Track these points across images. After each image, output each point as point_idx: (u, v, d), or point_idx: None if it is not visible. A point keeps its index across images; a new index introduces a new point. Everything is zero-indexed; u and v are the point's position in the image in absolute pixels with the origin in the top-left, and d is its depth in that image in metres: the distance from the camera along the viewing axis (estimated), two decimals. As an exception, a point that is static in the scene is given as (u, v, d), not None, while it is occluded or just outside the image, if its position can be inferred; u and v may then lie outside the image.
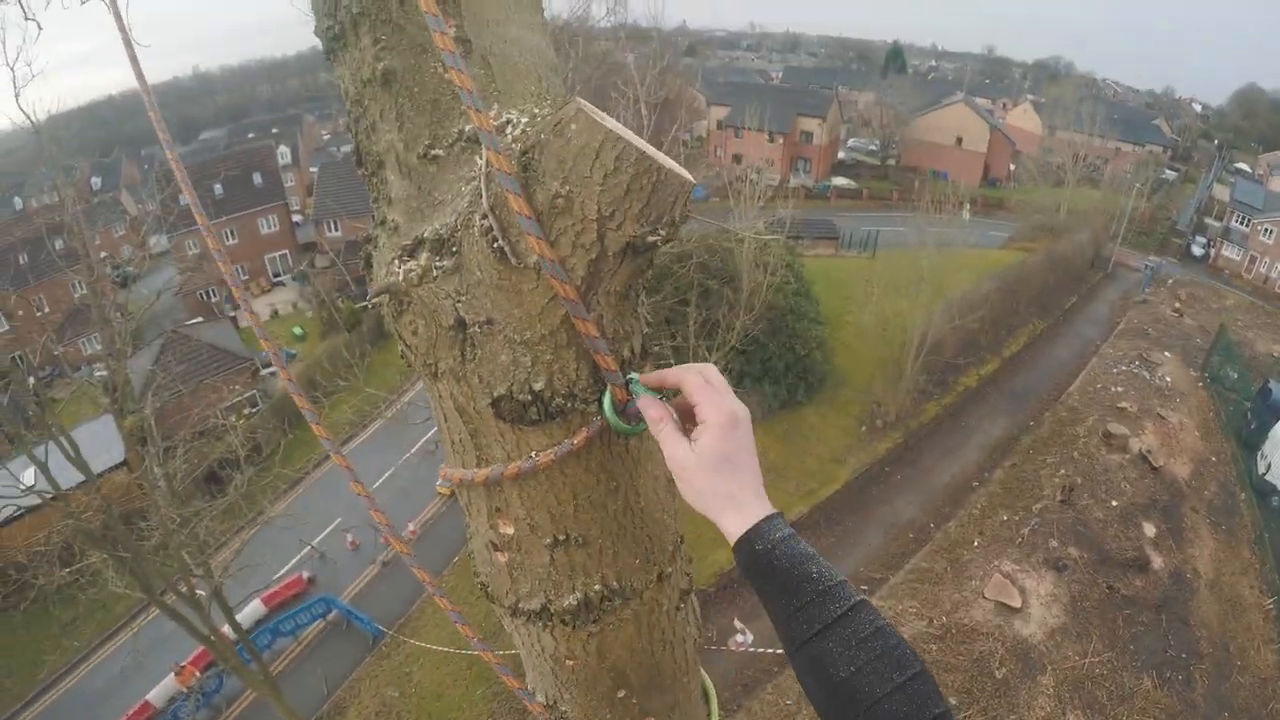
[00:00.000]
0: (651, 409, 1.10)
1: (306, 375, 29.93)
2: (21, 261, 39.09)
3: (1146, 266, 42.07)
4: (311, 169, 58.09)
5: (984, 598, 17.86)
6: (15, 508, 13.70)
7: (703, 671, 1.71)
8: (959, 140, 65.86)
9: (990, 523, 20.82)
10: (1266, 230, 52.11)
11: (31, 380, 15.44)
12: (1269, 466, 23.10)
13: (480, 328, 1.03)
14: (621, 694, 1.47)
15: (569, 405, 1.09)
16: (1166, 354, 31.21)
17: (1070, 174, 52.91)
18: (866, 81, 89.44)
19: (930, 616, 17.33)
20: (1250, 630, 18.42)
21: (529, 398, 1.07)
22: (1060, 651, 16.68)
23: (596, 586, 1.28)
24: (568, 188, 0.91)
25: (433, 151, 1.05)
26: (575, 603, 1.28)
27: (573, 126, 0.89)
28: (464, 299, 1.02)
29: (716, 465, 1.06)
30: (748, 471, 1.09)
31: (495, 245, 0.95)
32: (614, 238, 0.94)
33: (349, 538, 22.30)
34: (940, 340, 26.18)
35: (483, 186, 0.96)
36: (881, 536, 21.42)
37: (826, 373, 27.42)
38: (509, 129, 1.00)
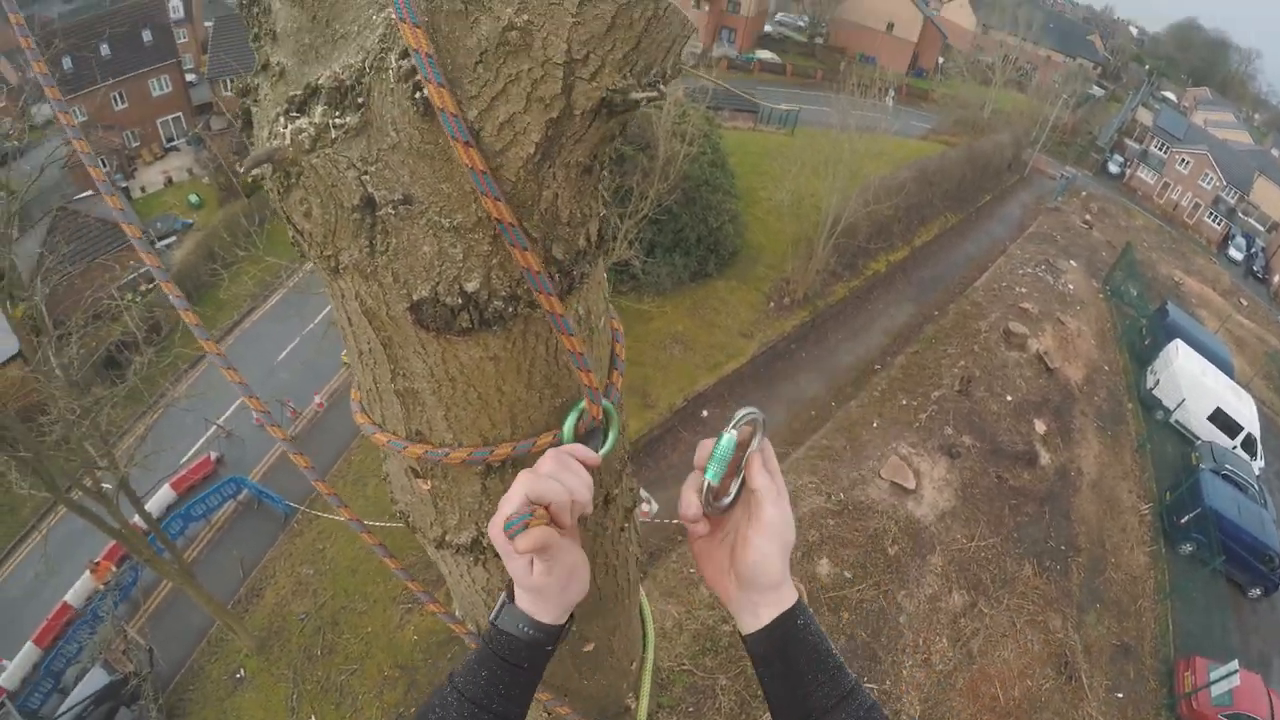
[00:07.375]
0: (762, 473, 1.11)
1: (205, 245, 29.22)
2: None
3: (1062, 176, 42.67)
4: (206, 23, 52.38)
5: (880, 477, 18.22)
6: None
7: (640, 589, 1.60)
8: (890, 26, 65.13)
9: (890, 406, 21.29)
10: (1183, 160, 54.23)
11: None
12: (1157, 382, 24.41)
13: (395, 208, 0.73)
14: None
15: (510, 310, 0.81)
16: (1072, 262, 32.01)
17: (998, 74, 53.08)
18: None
19: (828, 492, 17.59)
20: (1125, 531, 19.65)
21: (459, 301, 0.79)
22: (949, 534, 17.32)
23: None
24: (525, 16, 0.64)
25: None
26: None
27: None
28: (373, 169, 0.71)
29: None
30: None
31: (419, 95, 0.66)
32: (585, 90, 0.69)
33: (255, 414, 21.39)
34: (853, 224, 26.21)
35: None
36: (784, 412, 21.67)
37: (738, 247, 27.16)
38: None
